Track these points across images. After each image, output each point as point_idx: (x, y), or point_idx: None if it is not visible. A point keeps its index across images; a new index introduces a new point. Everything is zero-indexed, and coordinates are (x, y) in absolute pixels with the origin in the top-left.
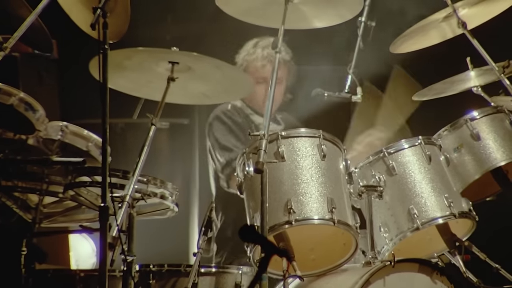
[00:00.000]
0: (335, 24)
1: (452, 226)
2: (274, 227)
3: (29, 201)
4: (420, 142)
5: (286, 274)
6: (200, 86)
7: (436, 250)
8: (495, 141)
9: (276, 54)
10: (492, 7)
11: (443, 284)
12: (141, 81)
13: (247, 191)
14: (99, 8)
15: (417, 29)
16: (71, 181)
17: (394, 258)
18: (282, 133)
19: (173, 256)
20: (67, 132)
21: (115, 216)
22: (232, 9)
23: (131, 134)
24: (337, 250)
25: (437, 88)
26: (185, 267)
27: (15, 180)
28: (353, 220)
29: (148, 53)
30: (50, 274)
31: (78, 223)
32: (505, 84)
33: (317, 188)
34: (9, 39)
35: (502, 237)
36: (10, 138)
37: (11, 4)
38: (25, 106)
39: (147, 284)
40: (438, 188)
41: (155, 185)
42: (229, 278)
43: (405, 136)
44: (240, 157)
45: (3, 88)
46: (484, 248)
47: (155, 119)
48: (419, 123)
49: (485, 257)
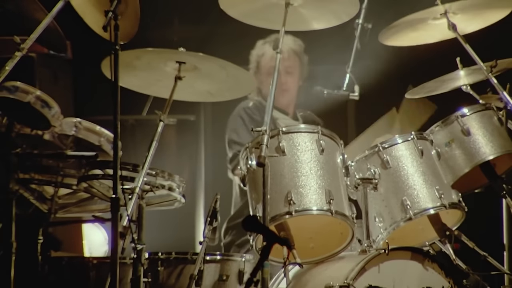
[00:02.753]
0: (333, 25)
1: (442, 216)
2: (275, 217)
3: (45, 192)
4: (413, 137)
5: (287, 262)
6: (206, 85)
7: (427, 239)
8: (484, 136)
9: (277, 55)
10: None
11: (434, 271)
12: (150, 79)
13: (249, 183)
14: (110, 11)
15: (406, 23)
16: (84, 174)
17: (388, 247)
18: (282, 128)
19: (180, 244)
20: (81, 128)
21: (125, 207)
22: (235, 12)
23: (140, 129)
24: (335, 239)
25: (429, 87)
26: (192, 255)
27: (32, 173)
28: (350, 210)
29: (156, 53)
30: (64, 261)
31: (91, 213)
32: (492, 83)
33: (315, 181)
34: (26, 41)
35: (489, 226)
36: (27, 133)
37: (28, 8)
38: (41, 104)
39: (156, 271)
40: (429, 181)
41: (163, 178)
42: (233, 265)
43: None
44: (243, 151)
45: (21, 86)
46: (473, 237)
47: (163, 115)
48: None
49: (473, 245)
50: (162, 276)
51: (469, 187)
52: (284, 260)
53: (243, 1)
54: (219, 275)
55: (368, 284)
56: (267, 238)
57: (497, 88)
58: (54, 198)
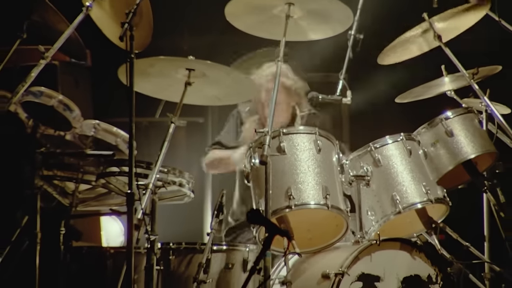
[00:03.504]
0: (328, 36)
1: (429, 210)
2: (276, 211)
3: (67, 188)
4: (402, 138)
5: (287, 251)
6: (213, 90)
7: (415, 230)
8: (466, 137)
9: (278, 63)
10: (463, 21)
11: (421, 260)
12: (162, 85)
13: (253, 180)
14: (126, 23)
15: (397, 44)
16: (102, 171)
17: (379, 238)
18: (283, 130)
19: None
20: (99, 129)
21: (140, 201)
22: (240, 24)
23: (153, 131)
24: (331, 231)
25: (416, 92)
26: (200, 245)
27: (55, 170)
28: (344, 205)
29: (168, 61)
30: (84, 251)
31: (108, 207)
32: (474, 88)
33: (313, 178)
34: (50, 49)
35: (471, 219)
36: (51, 134)
37: (51, 19)
38: (63, 107)
39: (168, 259)
40: (417, 178)
41: (174, 175)
42: (237, 255)
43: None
44: (247, 150)
45: (45, 91)
46: (456, 229)
47: (174, 118)
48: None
49: (457, 236)
50: (173, 264)
51: (453, 183)
52: (284, 250)
53: (247, 14)
54: (225, 264)
55: (361, 272)
56: (269, 230)
57: (478, 93)
58: (75, 193)
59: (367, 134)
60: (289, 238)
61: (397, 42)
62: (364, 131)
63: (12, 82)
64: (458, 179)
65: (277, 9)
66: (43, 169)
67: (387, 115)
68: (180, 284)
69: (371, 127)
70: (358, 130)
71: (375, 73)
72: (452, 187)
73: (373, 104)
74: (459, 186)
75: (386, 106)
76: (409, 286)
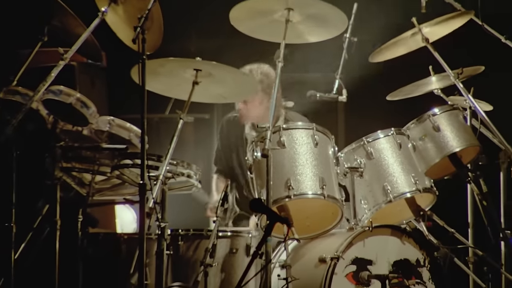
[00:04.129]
0: (325, 39)
1: (417, 199)
2: (277, 200)
3: (84, 179)
4: (393, 133)
5: (287, 237)
6: (218, 88)
7: (404, 218)
8: (452, 132)
9: (278, 64)
10: (449, 26)
11: (410, 245)
12: (171, 84)
13: (255, 172)
14: (139, 27)
15: (390, 45)
16: (116, 163)
17: (371, 225)
18: (283, 125)
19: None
20: (114, 124)
21: (151, 191)
22: (243, 27)
23: (163, 126)
24: (327, 218)
25: (406, 90)
26: (207, 231)
27: (73, 162)
28: (340, 194)
29: (177, 62)
30: (100, 237)
31: (122, 196)
32: (459, 87)
33: (311, 169)
34: (68, 51)
35: (456, 207)
36: (69, 129)
37: (70, 24)
38: (81, 104)
39: (177, 245)
40: (406, 169)
41: (183, 167)
42: (241, 240)
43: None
44: (250, 144)
45: (64, 90)
46: (443, 216)
47: (182, 114)
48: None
49: (443, 223)
50: (182, 249)
51: (440, 174)
52: (284, 236)
53: (250, 18)
54: (230, 249)
55: (355, 256)
56: (270, 217)
57: (463, 92)
58: (92, 184)
59: (360, 129)
60: (289, 225)
61: (389, 44)
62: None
63: (34, 82)
64: (444, 171)
65: (278, 14)
66: (62, 161)
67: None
68: (188, 267)
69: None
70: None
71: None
72: (439, 178)
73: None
74: (445, 177)
75: (378, 103)
76: (399, 269)
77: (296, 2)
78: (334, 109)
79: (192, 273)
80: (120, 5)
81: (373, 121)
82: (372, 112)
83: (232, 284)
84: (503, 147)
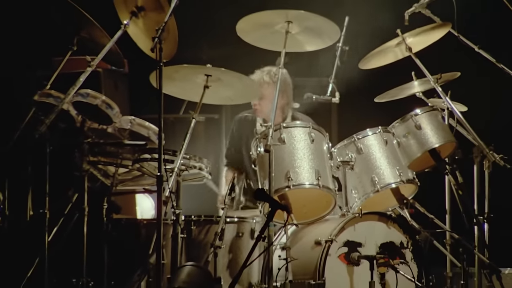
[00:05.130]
0: (320, 48)
1: (401, 189)
2: (278, 190)
3: (108, 171)
4: (380, 131)
5: (286, 223)
6: (227, 92)
7: (390, 205)
8: (431, 130)
9: (279, 70)
10: (430, 36)
11: (395, 229)
12: (185, 88)
13: (259, 164)
14: (156, 37)
15: (376, 53)
16: (137, 157)
17: (361, 212)
18: (283, 124)
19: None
20: (134, 123)
21: (167, 182)
22: (249, 38)
23: (178, 125)
24: (322, 206)
25: (392, 93)
26: (216, 217)
27: (99, 156)
28: (333, 185)
29: (190, 68)
30: (123, 222)
31: (142, 186)
32: (438, 90)
33: (308, 163)
34: (95, 59)
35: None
36: (96, 127)
37: (96, 35)
38: (106, 106)
39: (190, 229)
40: (392, 163)
41: (195, 160)
42: (246, 225)
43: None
44: (254, 141)
45: (91, 93)
46: (423, 204)
47: (195, 114)
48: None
49: (424, 210)
50: (194, 233)
51: (421, 167)
52: (284, 221)
53: (254, 30)
54: (236, 232)
55: (346, 239)
56: (272, 205)
57: (441, 94)
58: (115, 175)
59: (351, 127)
60: (288, 212)
61: (375, 52)
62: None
63: (65, 86)
64: (425, 164)
65: (279, 26)
66: (89, 156)
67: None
68: (200, 249)
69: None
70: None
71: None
72: (420, 171)
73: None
74: (426, 169)
75: (367, 105)
76: (385, 250)
77: (295, 16)
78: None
79: (203, 254)
80: (140, 19)
81: (362, 120)
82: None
83: (238, 264)
84: (476, 143)
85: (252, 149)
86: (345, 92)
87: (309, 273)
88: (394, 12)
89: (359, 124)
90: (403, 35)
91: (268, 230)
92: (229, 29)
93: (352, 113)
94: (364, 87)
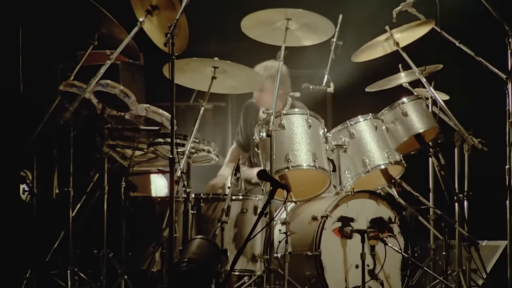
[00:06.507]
0: (317, 42)
1: (389, 169)
2: (278, 170)
3: (126, 153)
4: (370, 117)
5: (286, 200)
6: (232, 82)
7: (379, 184)
8: (417, 116)
9: (280, 63)
10: (415, 32)
11: (384, 206)
12: (195, 79)
13: (261, 148)
14: (169, 33)
15: (367, 47)
16: (151, 141)
17: (353, 190)
18: (283, 111)
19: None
20: (149, 111)
21: (179, 163)
22: (252, 33)
23: (189, 112)
24: (318, 185)
25: (381, 83)
26: (223, 195)
27: (117, 140)
28: (328, 166)
29: (199, 61)
30: (139, 199)
31: (156, 167)
32: (423, 81)
33: (305, 146)
34: (114, 53)
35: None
36: (114, 114)
37: (115, 31)
38: (123, 94)
39: (199, 206)
40: (381, 146)
41: (204, 144)
42: (250, 202)
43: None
44: (256, 126)
45: (110, 83)
46: (410, 183)
47: (203, 102)
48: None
49: (410, 189)
50: (203, 209)
51: (407, 150)
52: (284, 199)
53: (257, 26)
54: (241, 209)
55: (340, 215)
56: (273, 184)
57: (426, 85)
58: (132, 157)
59: (345, 114)
60: (288, 190)
61: (366, 46)
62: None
63: (87, 77)
64: (411, 147)
65: (279, 23)
66: (109, 140)
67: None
68: (208, 224)
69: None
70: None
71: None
72: (407, 153)
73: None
74: (412, 152)
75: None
76: (375, 225)
77: (293, 14)
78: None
79: (212, 228)
80: (155, 16)
81: (354, 108)
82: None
83: (243, 237)
84: (457, 129)
85: (255, 134)
86: (339, 83)
87: (306, 245)
88: (383, 10)
89: (351, 112)
90: (391, 31)
91: (270, 206)
92: (234, 26)
93: (345, 101)
94: (356, 78)
